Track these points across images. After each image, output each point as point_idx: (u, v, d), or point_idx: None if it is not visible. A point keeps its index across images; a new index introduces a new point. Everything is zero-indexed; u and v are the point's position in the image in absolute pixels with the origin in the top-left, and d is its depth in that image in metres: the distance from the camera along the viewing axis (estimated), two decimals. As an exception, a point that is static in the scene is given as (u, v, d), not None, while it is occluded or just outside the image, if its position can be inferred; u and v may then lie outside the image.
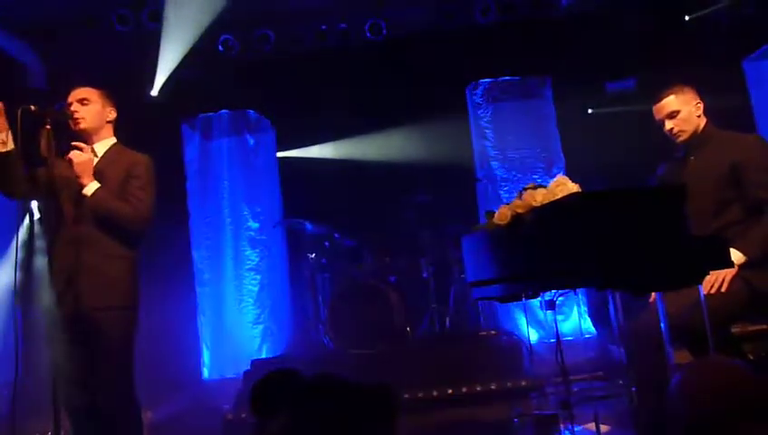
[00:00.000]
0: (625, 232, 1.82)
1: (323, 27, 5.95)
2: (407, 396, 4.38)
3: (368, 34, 5.91)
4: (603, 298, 4.75)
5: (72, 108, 2.69)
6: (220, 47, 5.90)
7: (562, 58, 5.71)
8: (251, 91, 6.04)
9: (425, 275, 5.35)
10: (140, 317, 2.73)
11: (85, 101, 2.71)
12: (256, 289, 5.76)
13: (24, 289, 4.35)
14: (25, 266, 4.52)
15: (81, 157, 2.59)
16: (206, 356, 5.67)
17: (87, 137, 2.73)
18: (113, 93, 2.90)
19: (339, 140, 6.19)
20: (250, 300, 5.75)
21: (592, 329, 5.52)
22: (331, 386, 1.25)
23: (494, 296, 2.79)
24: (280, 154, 6.16)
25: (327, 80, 5.95)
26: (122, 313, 2.63)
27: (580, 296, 5.38)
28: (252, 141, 6.05)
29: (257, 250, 5.84)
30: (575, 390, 3.93)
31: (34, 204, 2.91)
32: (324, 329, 5.19)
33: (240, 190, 5.94)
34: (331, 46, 6.05)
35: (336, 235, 5.46)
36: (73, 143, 2.61)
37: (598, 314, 5.42)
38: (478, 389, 4.34)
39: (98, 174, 2.65)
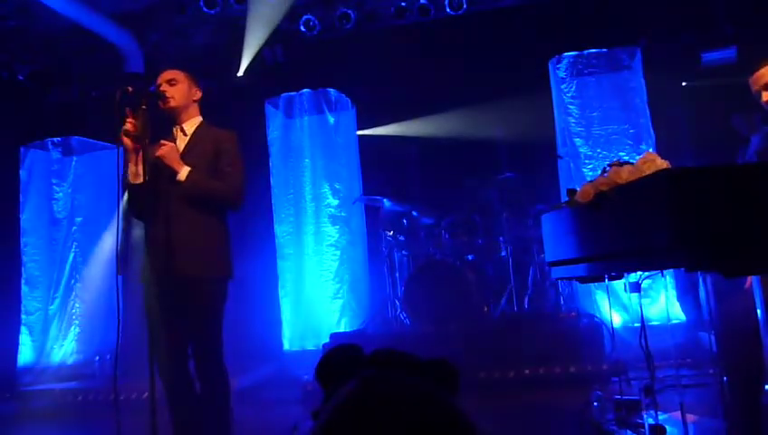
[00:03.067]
0: (717, 210, 1.71)
1: (403, 4, 5.91)
2: (482, 376, 4.38)
3: (448, 9, 5.82)
4: (693, 281, 4.51)
5: (162, 88, 2.81)
6: (302, 27, 6.00)
7: (653, 27, 5.39)
8: (332, 69, 6.13)
9: (503, 253, 5.28)
10: (228, 289, 2.85)
11: (173, 82, 2.83)
12: (336, 265, 5.89)
13: (124, 259, 4.65)
14: (125, 237, 4.82)
15: (164, 149, 2.69)
16: (286, 328, 5.88)
17: (176, 115, 2.85)
18: (202, 74, 3.01)
19: (418, 118, 6.17)
20: (329, 275, 5.89)
21: (681, 314, 5.26)
22: (390, 359, 1.27)
23: (574, 277, 2.71)
24: (360, 132, 6.23)
25: (407, 57, 5.93)
26: (216, 284, 2.75)
27: (668, 279, 5.13)
28: (332, 120, 6.14)
29: (337, 226, 5.96)
30: (660, 377, 3.77)
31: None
32: (401, 306, 5.25)
33: (321, 168, 6.06)
34: (410, 23, 6.02)
35: (414, 212, 5.48)
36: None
37: (687, 298, 5.15)
38: (557, 371, 4.26)
39: (188, 153, 2.77)
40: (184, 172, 2.68)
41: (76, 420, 4.87)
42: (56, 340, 6.16)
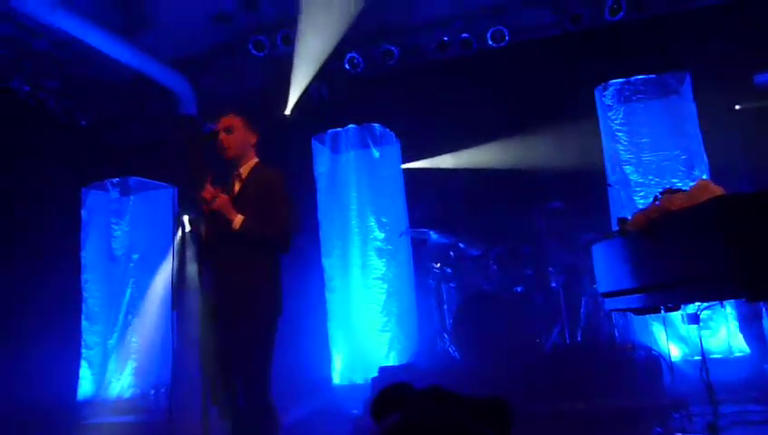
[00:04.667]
0: (779, 239, 1.65)
1: (445, 38, 6.00)
2: (533, 411, 4.26)
3: (490, 42, 5.86)
4: (756, 312, 4.31)
5: (221, 137, 2.97)
6: (346, 65, 6.15)
7: (703, 51, 5.29)
8: (376, 105, 6.24)
9: (553, 284, 5.18)
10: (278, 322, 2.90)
11: (230, 130, 2.98)
12: (383, 297, 5.90)
13: (178, 295, 4.80)
14: (179, 275, 4.97)
15: (219, 202, 2.85)
16: (335, 362, 5.89)
17: (235, 161, 3.01)
18: (251, 113, 3.14)
19: (463, 150, 6.18)
20: (377, 308, 5.89)
21: (744, 346, 5.01)
22: (441, 396, 1.29)
23: (629, 308, 2.64)
24: (405, 165, 6.29)
25: (450, 90, 5.99)
26: (264, 318, 2.83)
27: (728, 310, 4.92)
28: (377, 154, 6.23)
29: (384, 259, 5.98)
30: (725, 413, 3.59)
31: (186, 217, 3.21)
32: (450, 338, 5.19)
33: (367, 201, 6.13)
34: (453, 56, 6.09)
35: (461, 244, 5.45)
36: (205, 194, 2.87)
37: (750, 330, 4.91)
38: (613, 406, 4.11)
39: (240, 195, 2.92)
40: (238, 221, 2.83)
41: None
42: (114, 373, 6.33)
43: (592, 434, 3.97)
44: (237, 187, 2.98)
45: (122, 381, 6.32)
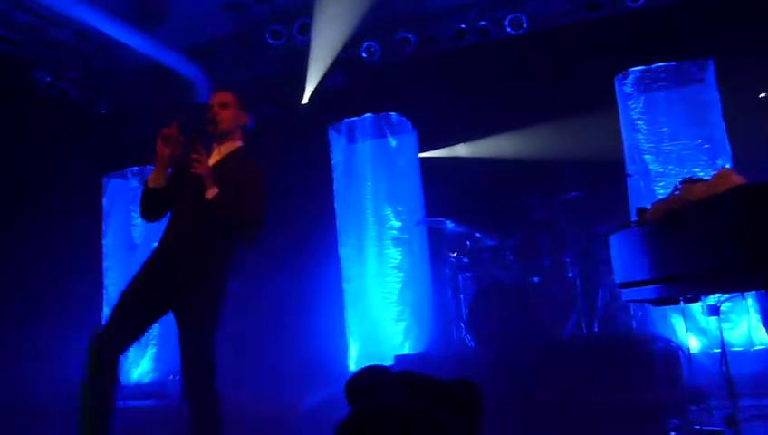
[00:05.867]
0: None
1: (463, 26, 5.94)
2: (548, 401, 4.24)
3: (508, 29, 5.80)
4: (778, 304, 4.23)
5: (214, 111, 2.88)
6: (363, 53, 6.13)
7: (727, 37, 5.17)
8: (393, 93, 6.22)
9: (570, 275, 5.14)
10: (292, 309, 2.89)
11: (225, 104, 2.91)
12: (399, 287, 5.90)
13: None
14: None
15: (203, 168, 2.73)
16: (351, 350, 5.92)
17: (221, 137, 2.93)
18: (268, 103, 3.12)
19: (480, 139, 6.15)
20: (393, 297, 5.89)
21: (766, 339, 4.94)
22: (413, 381, 1.31)
23: (647, 299, 2.61)
24: (422, 154, 6.26)
25: (468, 78, 5.95)
26: (211, 301, 2.77)
27: (750, 302, 4.84)
28: (394, 143, 6.21)
29: (400, 249, 5.98)
30: (744, 406, 3.54)
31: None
32: (465, 328, 5.19)
33: (383, 191, 6.12)
34: (470, 44, 6.04)
35: (477, 234, 5.43)
36: (193, 156, 2.74)
37: (772, 323, 4.84)
38: (629, 398, 4.08)
39: (218, 174, 2.79)
40: (212, 191, 2.71)
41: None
42: (134, 359, 6.44)
43: (608, 426, 3.94)
44: (214, 160, 2.88)
45: (142, 366, 6.42)
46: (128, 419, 5.42)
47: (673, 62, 5.53)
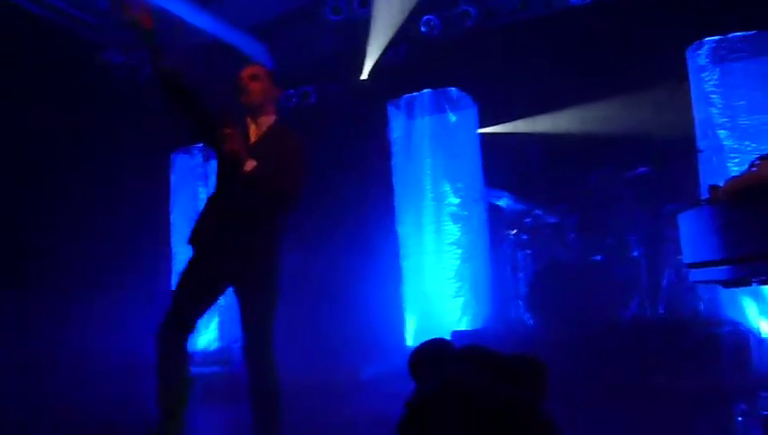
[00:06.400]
0: None
1: (526, -3, 5.78)
2: (608, 382, 4.18)
3: (572, 0, 5.60)
4: None
5: (244, 82, 2.88)
6: (423, 28, 6.06)
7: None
8: (453, 68, 6.13)
9: (635, 254, 5.00)
10: (349, 284, 2.94)
11: (255, 77, 2.89)
12: (457, 263, 5.90)
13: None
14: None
15: (232, 143, 2.70)
16: (409, 325, 5.98)
17: (253, 111, 2.92)
18: (327, 79, 3.13)
19: (543, 114, 6.00)
20: (451, 273, 5.90)
21: None
22: (479, 355, 1.30)
23: (717, 280, 2.53)
24: (482, 130, 6.18)
25: (530, 52, 5.79)
26: (267, 272, 2.82)
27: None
28: (454, 118, 6.15)
29: (458, 225, 5.96)
30: (820, 392, 3.39)
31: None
32: (524, 306, 5.16)
33: (442, 167, 6.10)
34: (532, 16, 5.87)
35: (538, 211, 5.36)
36: (225, 131, 2.71)
37: None
38: (694, 382, 3.97)
39: (256, 148, 2.81)
40: (249, 164, 2.69)
41: (218, 402, 5.29)
42: (201, 328, 6.75)
43: (672, 409, 3.86)
44: (254, 138, 2.89)
45: (208, 334, 6.72)
46: (202, 384, 5.71)
47: (752, 32, 5.20)
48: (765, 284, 2.62)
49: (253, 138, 2.88)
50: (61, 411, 4.75)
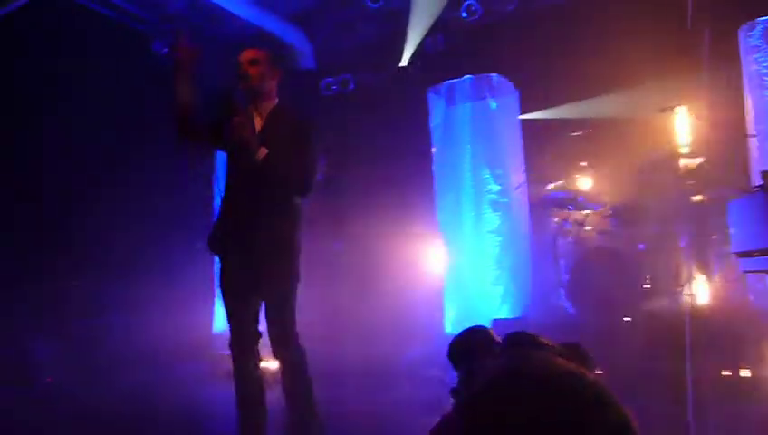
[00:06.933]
0: None
1: (568, -20, 5.66)
2: (656, 373, 4.11)
3: (617, -19, 5.45)
4: None
5: (243, 68, 2.86)
6: (464, 13, 6.00)
7: None
8: (494, 54, 6.06)
9: (681, 243, 4.88)
10: (390, 270, 2.96)
11: (254, 61, 2.87)
12: (497, 250, 5.86)
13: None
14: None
15: (241, 131, 2.71)
16: (448, 311, 5.99)
17: (253, 95, 2.90)
18: (367, 66, 3.13)
19: (586, 99, 5.87)
20: (491, 261, 5.88)
21: None
22: (529, 341, 1.29)
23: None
24: (523, 116, 6.10)
25: (573, 36, 5.66)
26: (285, 260, 2.83)
27: None
28: (494, 105, 6.09)
29: (498, 213, 5.92)
30: None
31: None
32: (565, 294, 5.10)
33: (482, 154, 6.05)
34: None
35: (580, 198, 5.27)
36: (235, 120, 2.72)
37: None
38: (742, 375, 3.88)
39: (263, 134, 2.81)
40: (260, 153, 2.70)
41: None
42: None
43: (717, 401, 3.77)
44: (258, 124, 2.87)
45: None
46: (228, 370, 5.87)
47: (810, 10, 4.98)
48: (820, 274, 2.53)
49: (257, 125, 2.88)
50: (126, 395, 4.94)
